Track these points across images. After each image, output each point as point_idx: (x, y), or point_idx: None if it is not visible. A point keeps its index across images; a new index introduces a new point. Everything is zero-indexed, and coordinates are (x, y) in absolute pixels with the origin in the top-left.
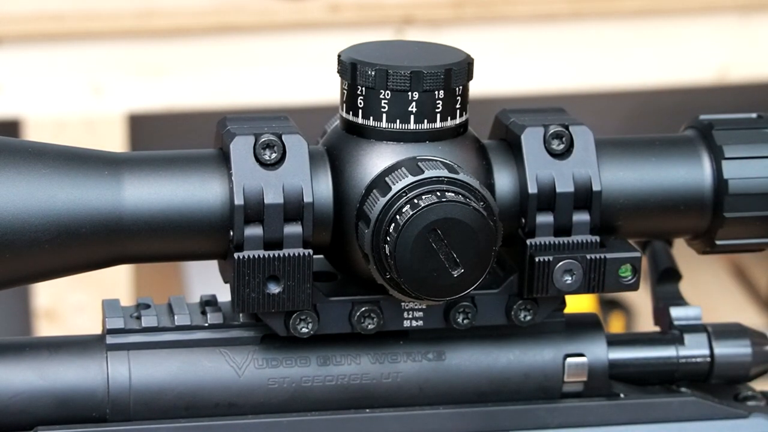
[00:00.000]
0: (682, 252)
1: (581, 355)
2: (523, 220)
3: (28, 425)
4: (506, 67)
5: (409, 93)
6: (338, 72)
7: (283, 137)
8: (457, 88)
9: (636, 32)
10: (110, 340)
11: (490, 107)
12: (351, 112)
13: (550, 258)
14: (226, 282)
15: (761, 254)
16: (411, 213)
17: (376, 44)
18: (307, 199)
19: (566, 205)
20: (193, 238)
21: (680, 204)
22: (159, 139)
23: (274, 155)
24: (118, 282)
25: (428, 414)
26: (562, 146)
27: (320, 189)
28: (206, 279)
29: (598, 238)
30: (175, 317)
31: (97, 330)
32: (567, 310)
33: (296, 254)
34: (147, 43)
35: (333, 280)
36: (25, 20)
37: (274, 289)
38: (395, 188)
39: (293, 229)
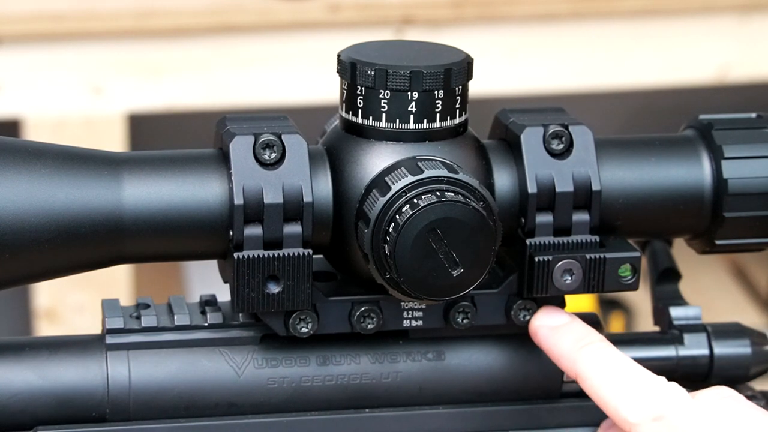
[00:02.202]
0: (682, 252)
1: None
2: (523, 220)
3: (28, 425)
4: (506, 67)
5: (409, 93)
6: (338, 72)
7: (283, 137)
8: (456, 88)
9: (636, 32)
10: (110, 340)
11: (490, 107)
12: (350, 112)
13: (550, 258)
14: (225, 282)
15: (761, 254)
16: (411, 213)
17: (376, 44)
18: (307, 198)
19: (566, 204)
20: (192, 238)
21: (680, 204)
22: (159, 139)
23: (273, 155)
24: (118, 282)
25: (428, 414)
26: (561, 146)
27: (320, 189)
28: (206, 279)
29: (597, 238)
30: (175, 317)
31: (97, 330)
32: (567, 310)
33: (296, 254)
34: (147, 43)
35: (333, 280)
36: (25, 20)
37: (274, 288)
38: (395, 188)
39: (293, 228)
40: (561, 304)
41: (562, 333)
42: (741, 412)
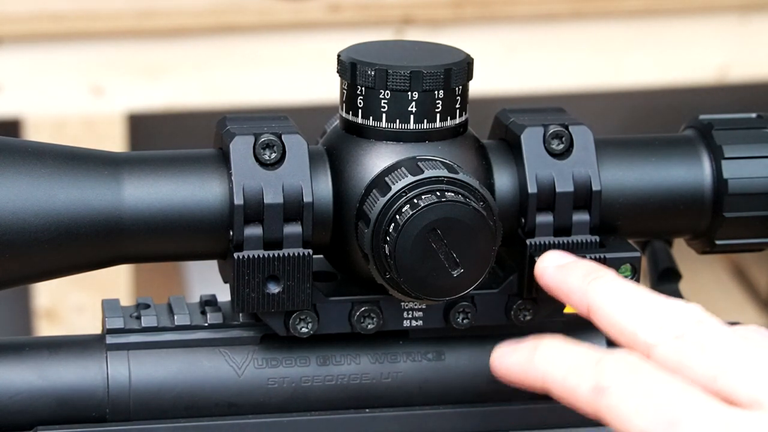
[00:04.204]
0: (682, 252)
1: None
2: (523, 220)
3: (28, 425)
4: (506, 67)
5: (409, 93)
6: (338, 72)
7: (283, 137)
8: (456, 88)
9: (636, 32)
10: (110, 340)
11: (490, 107)
12: (351, 112)
13: None
14: (226, 282)
15: (761, 254)
16: (411, 213)
17: (376, 44)
18: (307, 199)
19: (566, 204)
20: (192, 238)
21: (680, 204)
22: (159, 139)
23: (273, 155)
24: (118, 282)
25: (428, 414)
26: (561, 146)
27: (320, 189)
28: (206, 279)
29: (597, 238)
30: (175, 317)
31: (97, 330)
32: (567, 310)
33: (296, 254)
34: (147, 43)
35: (333, 280)
36: (25, 20)
37: (274, 288)
38: (395, 188)
39: (293, 228)
40: (561, 304)
41: (571, 269)
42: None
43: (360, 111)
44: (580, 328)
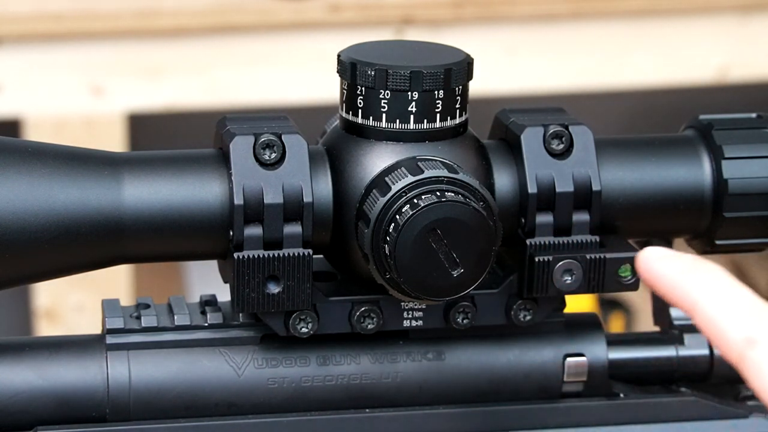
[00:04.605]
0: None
1: (581, 355)
2: (523, 220)
3: (28, 425)
4: (506, 67)
5: (409, 93)
6: (338, 72)
7: (283, 137)
8: (456, 88)
9: (636, 32)
10: (110, 340)
11: (490, 107)
12: (351, 112)
13: (550, 258)
14: (226, 282)
15: (761, 254)
16: (411, 213)
17: (376, 44)
18: (307, 199)
19: (566, 204)
20: (193, 238)
21: (680, 204)
22: (159, 139)
23: (273, 155)
24: (118, 282)
25: (428, 414)
26: (561, 146)
27: (320, 189)
28: (206, 279)
29: (597, 238)
30: (175, 317)
31: (97, 330)
32: (567, 310)
33: (296, 254)
34: (147, 43)
35: (333, 280)
36: (25, 20)
37: (274, 288)
38: (395, 188)
39: (293, 228)
40: (561, 304)
41: (671, 261)
42: None
43: (360, 111)
44: (581, 328)
